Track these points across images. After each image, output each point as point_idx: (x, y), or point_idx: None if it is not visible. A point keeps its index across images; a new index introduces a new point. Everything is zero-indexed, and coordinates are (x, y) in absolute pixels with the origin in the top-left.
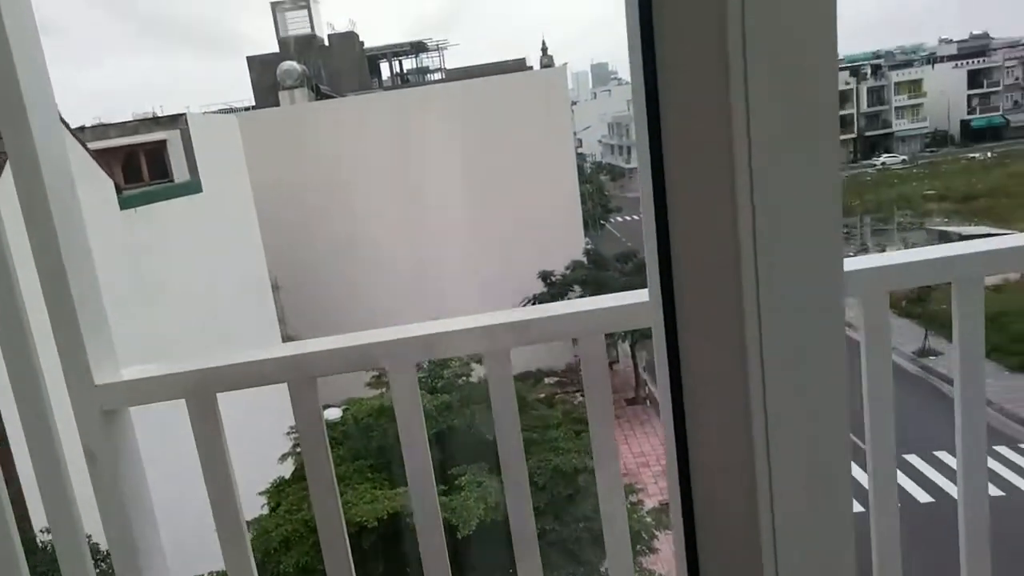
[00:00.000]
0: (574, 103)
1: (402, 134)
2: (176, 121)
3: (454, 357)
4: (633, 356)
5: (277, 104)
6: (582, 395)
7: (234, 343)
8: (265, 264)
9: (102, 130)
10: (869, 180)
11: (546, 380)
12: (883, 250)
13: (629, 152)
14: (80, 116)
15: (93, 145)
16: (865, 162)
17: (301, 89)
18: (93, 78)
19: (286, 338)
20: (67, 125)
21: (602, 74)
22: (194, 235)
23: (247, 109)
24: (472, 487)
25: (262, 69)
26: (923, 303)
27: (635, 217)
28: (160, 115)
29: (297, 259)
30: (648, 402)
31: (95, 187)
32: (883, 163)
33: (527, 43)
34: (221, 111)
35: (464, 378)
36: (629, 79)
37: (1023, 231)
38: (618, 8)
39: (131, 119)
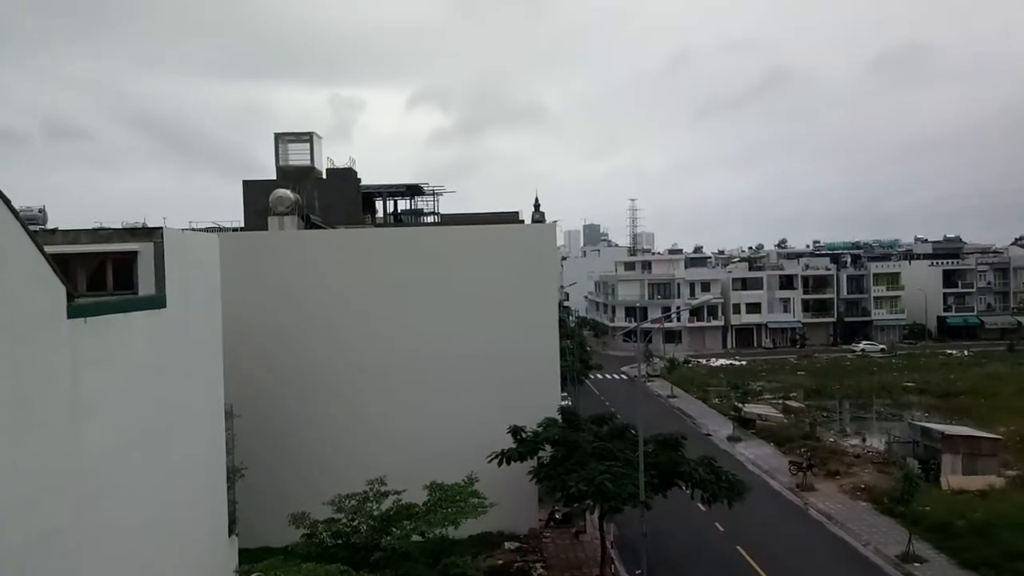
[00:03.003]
0: (564, 259)
1: (387, 271)
2: (152, 234)
3: (407, 515)
4: (601, 529)
5: (265, 228)
6: (543, 566)
7: (167, 469)
8: (222, 389)
9: (74, 235)
10: (849, 365)
11: (506, 545)
12: (864, 439)
13: (614, 311)
14: (85, 219)
15: (59, 249)
16: (845, 347)
17: (291, 216)
18: (108, 183)
19: (231, 470)
20: (23, 224)
21: (593, 234)
22: (150, 352)
23: (235, 230)
24: None
25: (257, 193)
26: (907, 503)
27: (616, 376)
28: (137, 226)
29: (259, 386)
30: None
31: (42, 292)
32: (863, 350)
33: (523, 199)
34: (209, 229)
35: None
36: (618, 241)
37: (1003, 433)
38: (610, 175)
39: (107, 227)
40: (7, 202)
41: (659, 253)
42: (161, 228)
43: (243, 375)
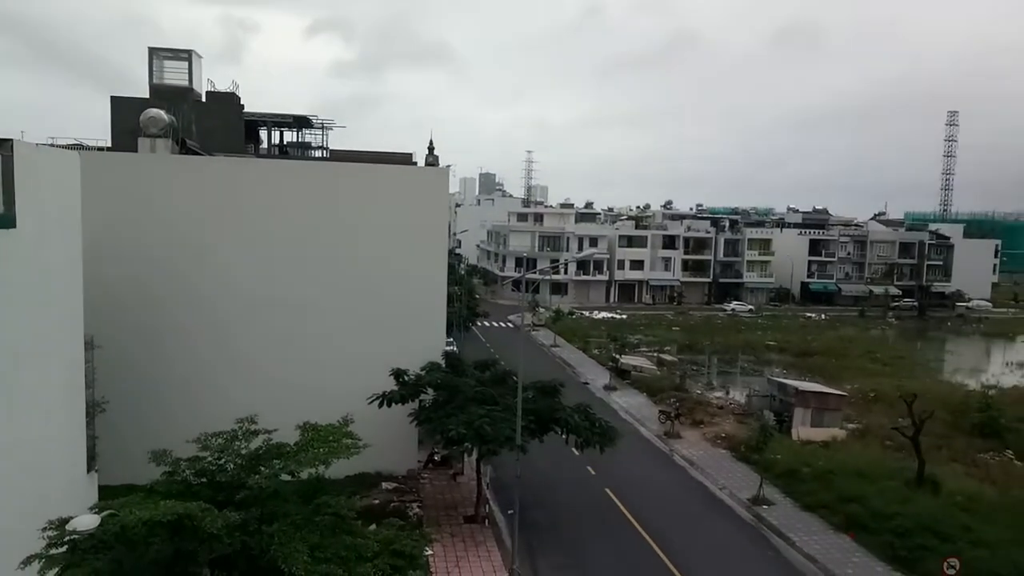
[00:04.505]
0: (458, 206)
1: (268, 204)
2: (0, 146)
3: (277, 454)
4: (478, 471)
5: (135, 150)
6: (419, 506)
7: (16, 402)
8: (82, 317)
9: None
10: (719, 323)
11: (384, 485)
12: (727, 392)
13: (504, 260)
14: None
15: None
16: (717, 306)
17: (164, 139)
18: None
19: (91, 403)
20: None
21: (489, 183)
22: None
23: (100, 149)
24: None
25: (127, 112)
26: (761, 451)
27: (502, 324)
28: None
29: (124, 316)
30: (487, 521)
31: None
32: (733, 309)
33: (422, 142)
34: (71, 146)
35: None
36: (513, 192)
37: (848, 390)
38: (511, 125)
39: None
40: None
41: (552, 206)
42: (11, 140)
43: (107, 304)
